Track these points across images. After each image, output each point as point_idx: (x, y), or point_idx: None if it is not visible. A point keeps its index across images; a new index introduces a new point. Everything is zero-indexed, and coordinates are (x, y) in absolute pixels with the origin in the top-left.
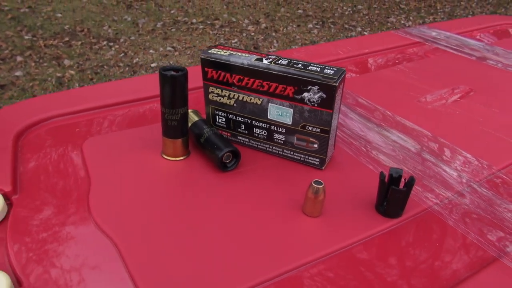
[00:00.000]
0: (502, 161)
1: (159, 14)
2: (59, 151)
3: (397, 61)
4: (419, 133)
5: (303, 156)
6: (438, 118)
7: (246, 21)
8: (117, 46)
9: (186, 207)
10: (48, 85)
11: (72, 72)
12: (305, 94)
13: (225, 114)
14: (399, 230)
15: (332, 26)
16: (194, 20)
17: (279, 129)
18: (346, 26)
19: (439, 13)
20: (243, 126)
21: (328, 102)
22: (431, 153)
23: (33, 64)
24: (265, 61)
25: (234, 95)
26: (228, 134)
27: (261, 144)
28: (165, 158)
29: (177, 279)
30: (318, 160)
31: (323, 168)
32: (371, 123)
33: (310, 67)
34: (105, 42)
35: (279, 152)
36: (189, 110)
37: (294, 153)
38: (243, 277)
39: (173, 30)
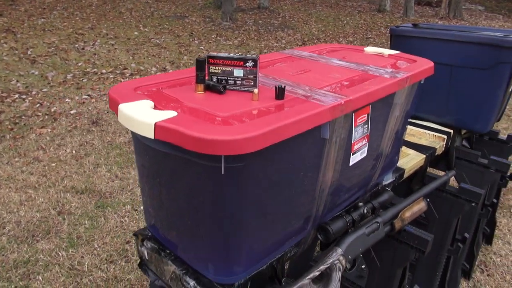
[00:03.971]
0: (319, 85)
1: (66, 67)
2: (154, 92)
3: (279, 63)
4: (292, 82)
5: (251, 88)
6: (295, 78)
7: (154, 68)
8: (30, 98)
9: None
10: None
11: None
12: (247, 64)
13: (216, 77)
14: (283, 103)
15: None
16: (103, 71)
17: (238, 79)
18: None
19: None
20: (224, 81)
21: (254, 65)
22: (295, 86)
23: None
24: (231, 54)
25: (220, 68)
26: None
27: (233, 86)
28: (196, 92)
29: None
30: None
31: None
32: (273, 80)
33: (248, 55)
34: (17, 95)
35: (239, 88)
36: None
37: (246, 87)
38: None
39: (85, 80)
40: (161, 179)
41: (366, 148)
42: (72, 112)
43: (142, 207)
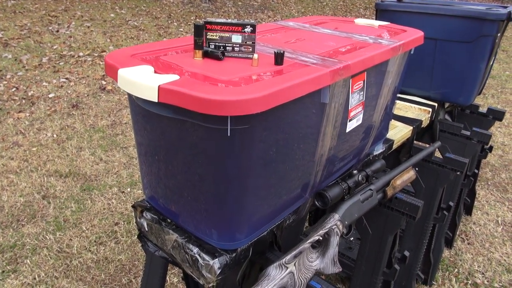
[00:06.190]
0: (316, 52)
1: (41, 50)
2: (152, 59)
3: (272, 34)
4: (289, 50)
5: (250, 54)
6: (291, 46)
7: None
8: (5, 82)
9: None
10: None
11: None
12: (246, 29)
13: (214, 43)
14: (282, 68)
15: None
16: (81, 53)
17: (236, 45)
18: None
19: None
20: (222, 48)
21: (253, 31)
22: (293, 52)
23: None
24: (229, 20)
25: (218, 34)
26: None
27: (231, 53)
28: (195, 59)
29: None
30: (255, 54)
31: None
32: (270, 48)
33: (246, 21)
34: None
35: (237, 55)
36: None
37: (244, 54)
38: None
39: (61, 63)
40: (162, 147)
41: (361, 116)
42: (50, 96)
43: (129, 189)
